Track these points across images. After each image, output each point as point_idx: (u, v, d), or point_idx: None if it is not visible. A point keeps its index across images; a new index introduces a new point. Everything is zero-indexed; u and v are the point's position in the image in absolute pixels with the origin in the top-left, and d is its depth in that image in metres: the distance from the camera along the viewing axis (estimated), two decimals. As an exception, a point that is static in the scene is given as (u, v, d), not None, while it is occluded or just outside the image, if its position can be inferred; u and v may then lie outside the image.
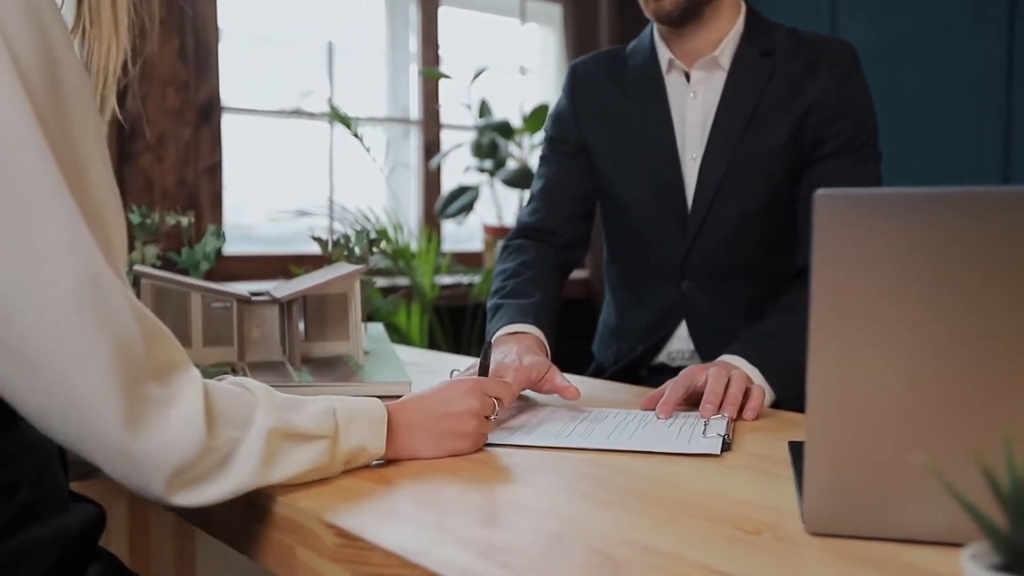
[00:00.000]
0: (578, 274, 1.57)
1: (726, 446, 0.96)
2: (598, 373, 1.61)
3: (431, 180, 3.19)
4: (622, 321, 1.59)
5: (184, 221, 1.51)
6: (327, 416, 0.82)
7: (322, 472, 0.82)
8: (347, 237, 1.52)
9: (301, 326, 1.35)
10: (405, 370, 1.27)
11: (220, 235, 1.53)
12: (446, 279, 2.84)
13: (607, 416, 1.10)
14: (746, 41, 1.46)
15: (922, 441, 0.63)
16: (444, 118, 3.23)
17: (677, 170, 1.47)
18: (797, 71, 1.42)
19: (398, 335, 2.63)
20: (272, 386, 1.18)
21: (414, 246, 2.77)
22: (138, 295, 1.34)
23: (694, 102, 1.48)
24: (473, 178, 3.07)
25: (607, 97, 1.54)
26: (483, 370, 1.09)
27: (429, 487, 0.82)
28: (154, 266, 1.47)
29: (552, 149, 1.60)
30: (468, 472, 0.87)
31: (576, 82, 1.59)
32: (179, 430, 0.69)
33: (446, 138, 3.23)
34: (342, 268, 1.35)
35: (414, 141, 3.21)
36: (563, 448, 0.96)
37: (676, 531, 0.71)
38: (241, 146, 2.86)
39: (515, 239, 1.57)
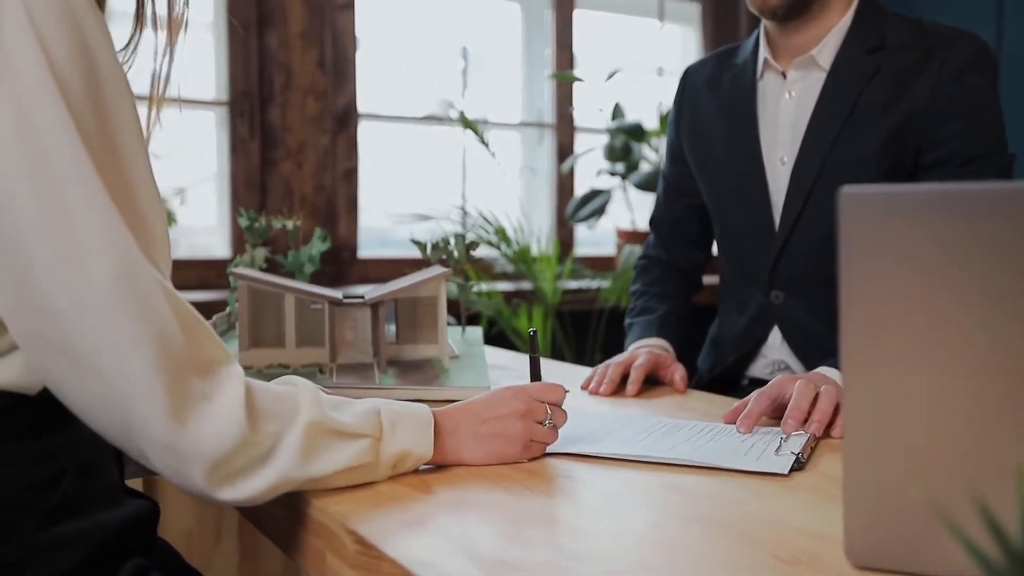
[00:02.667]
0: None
1: (798, 466, 0.90)
2: (696, 383, 1.55)
3: (564, 184, 3.17)
4: (721, 330, 1.53)
5: (289, 224, 1.55)
6: (371, 416, 0.81)
7: (367, 473, 0.81)
8: (445, 240, 1.52)
9: (392, 328, 1.36)
10: (487, 375, 1.26)
11: (325, 238, 1.56)
12: (572, 283, 2.81)
13: (681, 427, 1.05)
14: (853, 36, 1.37)
15: (963, 468, 0.56)
16: (578, 122, 3.20)
17: (762, 175, 1.40)
18: (906, 68, 1.31)
19: (520, 339, 2.62)
20: (352, 387, 1.20)
21: (537, 249, 2.75)
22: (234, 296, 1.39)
23: (788, 102, 1.40)
24: (606, 182, 3.03)
25: (704, 100, 1.51)
26: (536, 376, 1.06)
27: (464, 496, 0.80)
28: (262, 268, 1.52)
29: (665, 167, 1.65)
30: (512, 481, 0.84)
31: (683, 87, 1.58)
32: (219, 423, 0.70)
33: (581, 142, 3.21)
34: (433, 271, 1.35)
35: (547, 145, 3.20)
36: (624, 459, 0.92)
37: (705, 555, 0.67)
38: (378, 152, 2.92)
39: (641, 259, 1.68)
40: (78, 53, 0.69)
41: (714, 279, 1.66)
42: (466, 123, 2.70)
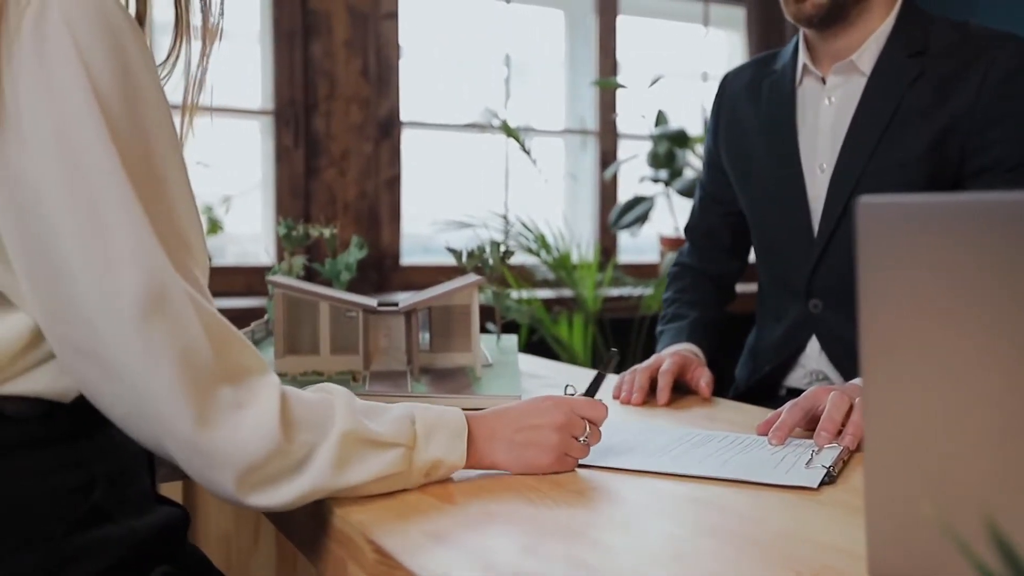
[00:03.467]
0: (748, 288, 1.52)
1: (829, 480, 0.88)
2: (733, 392, 1.53)
3: (606, 191, 3.16)
4: (759, 339, 1.51)
5: (327, 232, 1.56)
6: (405, 424, 0.82)
7: (400, 481, 0.82)
8: (481, 248, 1.52)
9: (424, 336, 1.36)
10: (519, 383, 1.26)
11: (362, 246, 1.57)
12: (614, 291, 2.79)
13: (711, 439, 1.03)
14: (894, 40, 1.34)
15: (985, 484, 0.54)
16: (621, 128, 3.19)
17: (801, 182, 1.38)
18: (949, 72, 1.28)
19: (561, 347, 2.61)
20: (385, 395, 1.20)
21: (577, 256, 2.74)
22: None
23: (828, 108, 1.38)
24: (649, 188, 3.02)
25: (742, 107, 1.49)
26: (591, 392, 1.06)
27: (488, 508, 0.80)
28: (299, 276, 1.53)
29: (703, 174, 1.64)
30: (537, 492, 0.84)
31: (721, 94, 1.57)
32: (252, 431, 0.71)
33: (624, 148, 3.19)
34: (467, 279, 1.35)
35: (590, 152, 3.19)
36: (651, 472, 0.91)
37: (725, 571, 0.66)
38: (422, 159, 2.94)
39: (674, 267, 1.66)
40: (118, 70, 0.71)
41: (751, 287, 1.64)
42: (508, 131, 2.70)
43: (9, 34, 0.69)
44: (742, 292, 1.66)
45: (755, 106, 1.47)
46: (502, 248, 1.50)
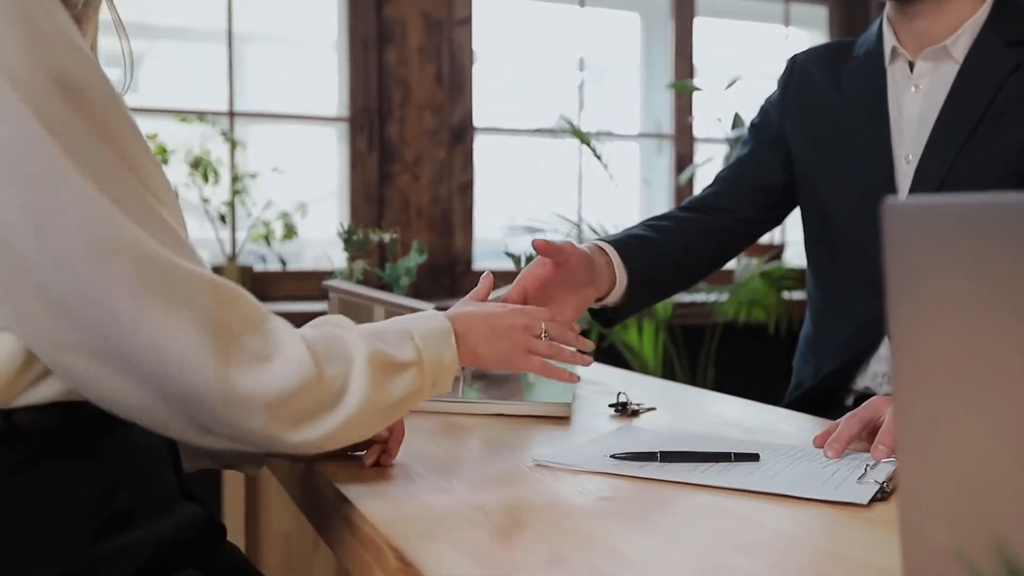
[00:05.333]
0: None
1: (882, 496, 0.84)
2: (797, 389, 1.47)
3: (682, 195, 3.11)
4: (819, 333, 1.44)
5: (387, 237, 1.56)
6: (408, 341, 0.84)
7: (416, 399, 0.84)
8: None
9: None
10: (570, 391, 1.24)
11: (422, 251, 1.57)
12: (685, 296, 2.74)
13: (761, 450, 0.99)
14: (990, 28, 1.28)
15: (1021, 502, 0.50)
16: (699, 131, 3.13)
17: (889, 172, 1.31)
18: None
19: (632, 353, 2.58)
20: (434, 399, 1.20)
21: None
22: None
23: (915, 96, 1.32)
24: (725, 192, 2.95)
25: (819, 88, 1.42)
26: None
27: (518, 517, 0.78)
28: (359, 281, 1.54)
29: (750, 134, 1.52)
30: (570, 504, 0.82)
31: (790, 72, 1.49)
32: (285, 367, 0.72)
33: (700, 152, 3.14)
34: (520, 285, 1.34)
35: (666, 156, 3.14)
36: (692, 484, 0.88)
37: (753, 590, 0.63)
38: (497, 164, 2.94)
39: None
40: (44, 68, 0.66)
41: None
42: (578, 135, 2.68)
43: None
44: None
45: (835, 90, 1.40)
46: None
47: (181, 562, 0.78)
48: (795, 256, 3.01)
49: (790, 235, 3.07)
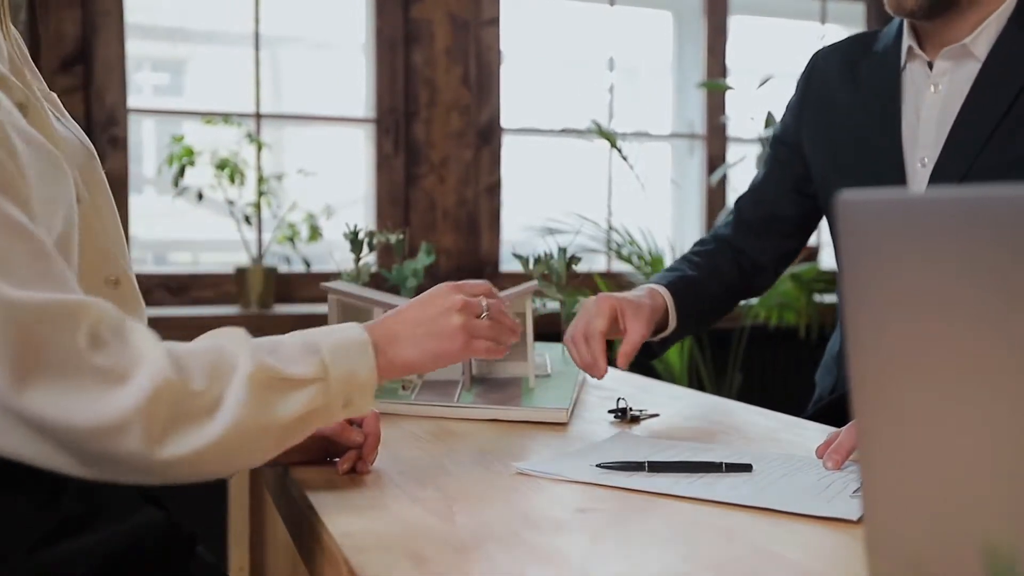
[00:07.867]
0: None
1: (876, 510, 0.79)
2: (818, 400, 1.42)
3: (714, 196, 3.05)
4: (843, 346, 1.39)
5: (392, 238, 1.54)
6: (312, 356, 0.77)
7: (322, 417, 0.77)
8: (548, 255, 1.47)
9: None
10: (570, 396, 1.20)
11: (430, 253, 1.55)
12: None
13: (759, 460, 0.95)
14: (1015, 24, 1.21)
15: (989, 506, 0.46)
16: (732, 131, 3.07)
17: (901, 176, 1.25)
18: None
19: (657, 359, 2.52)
20: (430, 405, 1.17)
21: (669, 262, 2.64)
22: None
23: (934, 96, 1.26)
24: (758, 193, 2.89)
25: (836, 88, 1.37)
26: None
27: (484, 528, 0.75)
28: (365, 283, 1.52)
29: (771, 150, 1.48)
30: (542, 516, 0.79)
31: (810, 73, 1.44)
32: (139, 383, 0.66)
33: (733, 152, 3.08)
34: (522, 287, 1.30)
35: (698, 156, 3.09)
36: (677, 496, 0.84)
37: (713, 613, 0.59)
38: (526, 165, 2.91)
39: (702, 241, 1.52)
40: None
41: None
42: (604, 135, 2.64)
43: None
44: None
45: (852, 88, 1.35)
46: (568, 255, 1.44)
47: (138, 571, 0.76)
48: (829, 257, 2.93)
49: (825, 236, 2.99)
